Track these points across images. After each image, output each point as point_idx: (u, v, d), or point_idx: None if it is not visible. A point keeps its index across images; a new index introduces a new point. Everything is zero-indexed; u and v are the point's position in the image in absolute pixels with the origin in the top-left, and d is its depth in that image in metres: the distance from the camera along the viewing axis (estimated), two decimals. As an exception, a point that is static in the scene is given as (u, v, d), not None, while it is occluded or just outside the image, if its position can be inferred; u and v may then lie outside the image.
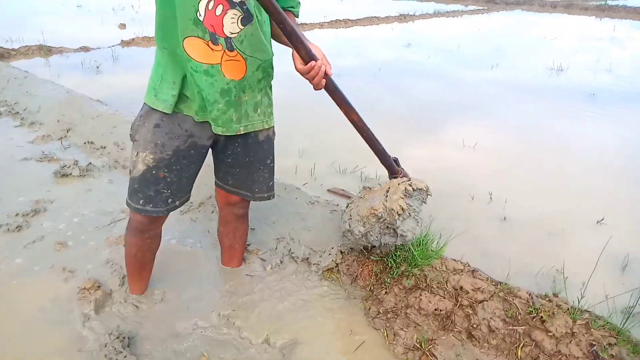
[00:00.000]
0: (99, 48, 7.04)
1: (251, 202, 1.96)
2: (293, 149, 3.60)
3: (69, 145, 3.48)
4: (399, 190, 1.92)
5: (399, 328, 1.89)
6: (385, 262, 2.12)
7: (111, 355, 1.63)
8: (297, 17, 1.72)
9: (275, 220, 2.47)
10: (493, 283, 2.02)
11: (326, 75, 1.51)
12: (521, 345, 1.77)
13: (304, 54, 1.45)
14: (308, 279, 2.18)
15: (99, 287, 2.01)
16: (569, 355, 1.70)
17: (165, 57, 1.52)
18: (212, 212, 2.59)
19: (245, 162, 1.79)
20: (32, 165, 3.15)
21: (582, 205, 2.98)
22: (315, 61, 1.46)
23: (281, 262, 2.26)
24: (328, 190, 3.04)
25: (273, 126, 1.81)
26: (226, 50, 1.47)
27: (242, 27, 1.46)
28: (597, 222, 2.79)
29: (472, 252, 2.42)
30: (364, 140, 1.87)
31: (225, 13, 1.42)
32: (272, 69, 1.69)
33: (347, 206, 2.13)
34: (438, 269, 2.09)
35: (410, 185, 1.92)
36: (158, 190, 1.65)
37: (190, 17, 1.39)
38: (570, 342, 1.73)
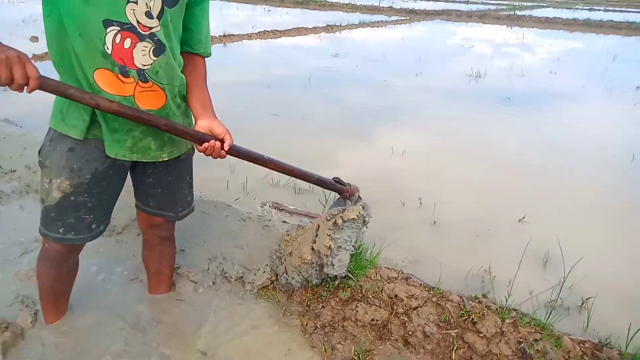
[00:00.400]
0: None
1: (176, 222, 1.87)
2: (223, 164, 3.49)
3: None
4: (326, 228, 1.95)
5: (337, 342, 1.86)
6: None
7: None
8: (209, 56, 1.65)
9: (206, 239, 2.37)
10: (426, 289, 2.06)
11: (229, 147, 1.56)
12: (455, 348, 1.81)
13: (198, 140, 1.51)
14: (243, 298, 2.10)
15: (6, 327, 1.80)
16: (499, 354, 1.75)
17: (71, 82, 1.39)
18: (138, 234, 2.44)
19: (168, 182, 1.71)
20: None
21: (505, 205, 3.14)
22: (210, 142, 1.50)
23: (214, 283, 2.16)
24: (264, 204, 2.97)
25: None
26: (139, 82, 1.40)
27: (154, 59, 1.39)
28: (519, 220, 2.94)
29: (405, 259, 2.47)
30: (300, 179, 1.91)
31: (135, 46, 1.34)
32: (185, 89, 1.63)
33: (278, 258, 2.14)
34: (373, 278, 2.10)
35: (341, 218, 1.94)
36: (79, 217, 1.54)
37: (98, 50, 1.31)
38: (500, 341, 1.79)
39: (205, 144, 1.51)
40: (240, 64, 7.73)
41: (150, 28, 1.34)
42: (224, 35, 10.30)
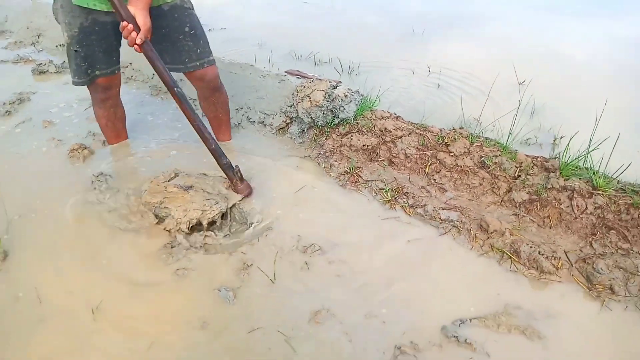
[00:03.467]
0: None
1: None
2: (252, 41, 3.87)
3: (41, 49, 3.71)
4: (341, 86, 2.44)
5: (335, 161, 2.33)
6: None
7: (96, 185, 2.07)
8: None
9: (234, 93, 2.82)
10: (412, 124, 2.44)
11: (141, 44, 1.68)
12: (429, 164, 2.23)
13: (118, 12, 1.64)
14: (264, 136, 2.59)
15: (85, 148, 2.39)
16: (463, 166, 2.16)
17: None
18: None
19: (164, 35, 1.91)
20: (10, 66, 3.41)
21: (508, 71, 3.35)
22: (126, 23, 1.64)
23: (240, 124, 2.65)
24: (285, 71, 3.36)
25: None
26: None
27: None
28: (519, 83, 3.18)
29: (406, 111, 2.82)
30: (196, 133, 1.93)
31: None
32: None
33: (292, 105, 2.57)
34: (368, 117, 2.49)
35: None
36: (78, 64, 1.92)
37: None
38: (465, 157, 2.18)
39: (123, 23, 1.65)
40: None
41: None
42: None
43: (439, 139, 2.29)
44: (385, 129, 2.39)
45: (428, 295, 1.65)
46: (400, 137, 2.34)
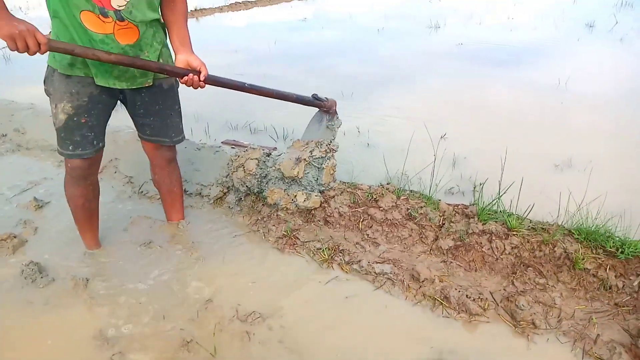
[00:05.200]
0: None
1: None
2: (187, 115, 3.96)
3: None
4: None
5: (272, 225, 2.39)
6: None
7: (27, 275, 2.02)
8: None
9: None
10: (344, 183, 2.58)
11: (205, 80, 1.86)
12: (361, 220, 2.34)
13: (175, 75, 1.85)
14: (201, 208, 2.62)
15: (15, 237, 2.32)
16: (392, 219, 2.29)
17: (60, 26, 1.70)
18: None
19: (157, 110, 1.99)
20: None
21: (430, 127, 3.62)
22: (187, 76, 1.83)
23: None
24: (222, 142, 3.46)
25: None
26: (117, 21, 1.68)
27: (127, 0, 1.66)
28: (441, 137, 3.45)
29: (338, 171, 2.96)
30: (279, 100, 2.24)
31: None
32: (161, 21, 1.87)
33: (227, 175, 2.66)
34: (302, 180, 2.60)
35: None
36: (83, 135, 1.85)
37: None
38: (394, 211, 2.32)
39: (185, 77, 1.82)
40: (210, 35, 8.10)
41: None
42: (196, 10, 10.58)
43: (368, 196, 2.42)
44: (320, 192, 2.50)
45: (367, 349, 1.70)
46: (333, 197, 2.45)
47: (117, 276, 2.09)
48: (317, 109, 2.57)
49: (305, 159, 2.42)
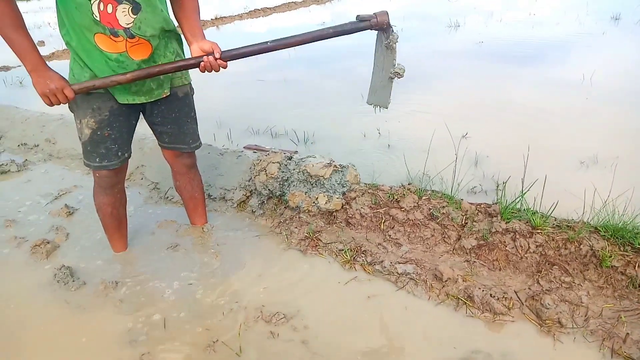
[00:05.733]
0: (19, 66, 7.15)
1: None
2: (211, 121, 4.05)
3: (3, 150, 3.78)
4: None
5: (295, 228, 2.42)
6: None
7: (60, 279, 2.09)
8: None
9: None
10: (365, 184, 2.59)
11: (221, 57, 1.78)
12: (383, 221, 2.35)
13: (191, 66, 1.81)
14: (225, 212, 2.68)
15: (48, 242, 2.41)
16: (414, 219, 2.29)
17: (78, 49, 1.75)
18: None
19: (173, 118, 2.05)
20: (-29, 169, 3.45)
21: (451, 127, 3.60)
22: (203, 62, 1.77)
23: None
24: (243, 147, 3.52)
25: (190, 82, 2.06)
26: (128, 39, 1.72)
27: (134, 16, 1.70)
28: (463, 136, 3.42)
29: (359, 172, 2.98)
30: (317, 41, 1.91)
31: (116, 9, 1.66)
32: (174, 30, 1.89)
33: (250, 179, 2.68)
34: (323, 183, 2.62)
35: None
36: (107, 147, 1.92)
37: (90, 18, 1.65)
38: (416, 211, 2.32)
39: (202, 64, 1.77)
40: (232, 42, 8.21)
41: None
42: (216, 18, 10.77)
43: (389, 197, 2.43)
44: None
45: (390, 350, 1.70)
46: (355, 198, 2.46)
47: (144, 279, 2.15)
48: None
49: (335, 166, 2.46)
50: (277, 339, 1.78)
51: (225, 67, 1.80)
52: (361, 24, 1.82)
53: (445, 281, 1.95)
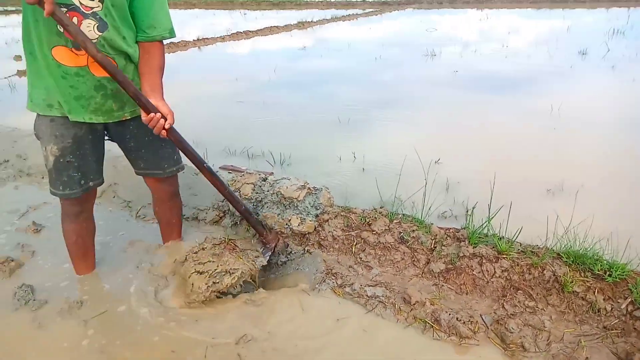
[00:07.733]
0: (-7, 80, 7.05)
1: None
2: (188, 140, 4.04)
3: (-28, 165, 3.69)
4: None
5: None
6: (256, 206, 2.65)
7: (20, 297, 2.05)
8: (169, 37, 1.85)
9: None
10: (338, 207, 2.61)
11: (169, 129, 1.79)
12: (355, 243, 2.37)
13: (145, 107, 1.75)
14: (198, 230, 2.66)
15: (12, 260, 2.35)
16: (385, 242, 2.32)
17: (33, 65, 1.75)
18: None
19: (147, 142, 1.99)
20: None
21: (425, 152, 3.69)
22: (155, 114, 1.75)
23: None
24: (219, 167, 3.52)
25: None
26: None
27: (99, 34, 1.68)
28: (435, 162, 3.50)
29: (334, 195, 3.01)
30: (227, 200, 2.14)
31: (81, 23, 1.64)
32: (137, 64, 1.86)
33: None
34: (297, 205, 2.64)
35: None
36: (70, 175, 1.88)
37: (53, 30, 1.63)
38: (387, 234, 2.35)
39: (151, 114, 1.74)
40: (212, 63, 8.29)
41: (92, 8, 1.65)
42: (198, 39, 10.85)
43: (361, 219, 2.46)
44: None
45: (357, 373, 1.71)
46: (327, 221, 2.49)
47: (108, 298, 2.11)
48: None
49: (308, 188, 2.50)
50: (243, 359, 1.76)
51: (163, 135, 1.80)
52: (258, 227, 2.31)
53: (414, 304, 1.97)
